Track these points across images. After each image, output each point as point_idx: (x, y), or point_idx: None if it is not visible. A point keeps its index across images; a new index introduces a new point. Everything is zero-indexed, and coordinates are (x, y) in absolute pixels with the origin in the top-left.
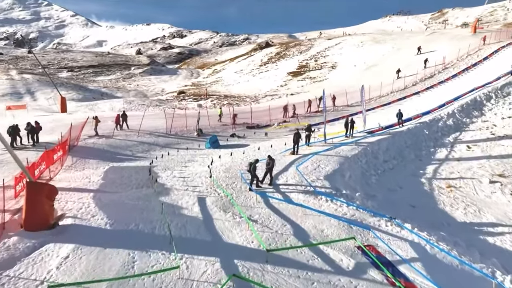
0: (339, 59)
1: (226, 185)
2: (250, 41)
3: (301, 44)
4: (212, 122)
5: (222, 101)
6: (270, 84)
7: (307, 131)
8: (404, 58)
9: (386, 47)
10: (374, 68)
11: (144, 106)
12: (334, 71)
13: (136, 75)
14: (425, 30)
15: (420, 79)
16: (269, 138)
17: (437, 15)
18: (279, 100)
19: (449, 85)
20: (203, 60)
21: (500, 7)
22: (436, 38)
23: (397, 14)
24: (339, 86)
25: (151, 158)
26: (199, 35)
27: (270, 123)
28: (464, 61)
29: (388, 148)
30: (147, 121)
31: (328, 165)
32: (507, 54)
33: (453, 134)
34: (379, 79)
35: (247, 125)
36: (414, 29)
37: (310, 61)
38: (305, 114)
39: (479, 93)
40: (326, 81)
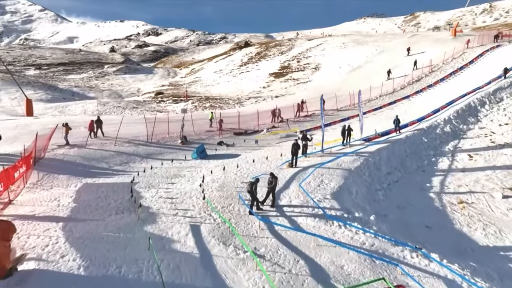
0: (322, 60)
1: (222, 208)
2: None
3: (281, 44)
4: (197, 127)
5: (203, 103)
6: (252, 85)
7: (303, 140)
8: (389, 60)
9: (369, 49)
10: (359, 70)
11: (120, 108)
12: (318, 73)
13: (110, 74)
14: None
15: (408, 82)
16: (260, 146)
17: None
18: (265, 104)
19: (438, 89)
20: (180, 59)
21: (468, 11)
22: (418, 41)
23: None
24: (325, 89)
25: (131, 172)
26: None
27: (259, 129)
28: (450, 64)
29: (389, 158)
30: (125, 127)
31: (332, 180)
32: (491, 58)
33: (451, 141)
34: (365, 81)
35: (234, 131)
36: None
37: (292, 62)
38: (294, 119)
39: (473, 99)
40: (310, 83)
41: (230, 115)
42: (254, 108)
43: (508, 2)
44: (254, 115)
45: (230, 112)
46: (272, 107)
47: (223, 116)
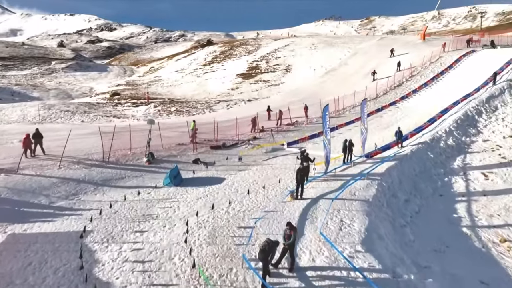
0: (293, 61)
1: (220, 278)
2: (186, 38)
3: (247, 43)
4: (166, 140)
5: (168, 107)
6: (219, 87)
7: (304, 162)
8: (365, 63)
9: (342, 50)
10: (334, 72)
11: (69, 113)
12: (290, 75)
13: (58, 71)
14: (374, 36)
15: (390, 87)
16: (245, 165)
17: (365, 22)
18: (239, 109)
19: (424, 95)
20: (137, 56)
21: (419, 18)
22: (388, 44)
23: (329, 19)
24: (302, 92)
25: (81, 210)
26: (131, 29)
27: (238, 141)
28: (429, 68)
29: (401, 180)
30: (74, 142)
31: (354, 220)
32: (470, 63)
33: (458, 156)
34: (343, 85)
35: (210, 144)
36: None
37: (260, 62)
38: (276, 128)
39: (468, 107)
40: (283, 85)
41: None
42: (227, 114)
43: (455, 10)
44: (230, 123)
45: (201, 118)
46: (251, 114)
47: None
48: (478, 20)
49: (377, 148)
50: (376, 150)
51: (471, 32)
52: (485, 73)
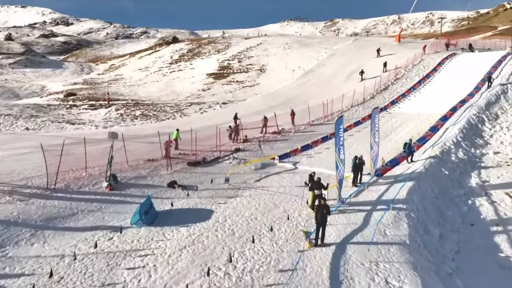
0: (267, 61)
1: None
2: (149, 35)
3: (216, 41)
4: (132, 156)
5: (132, 110)
6: (189, 87)
7: (316, 189)
8: (345, 64)
9: (318, 51)
10: (313, 74)
11: (11, 117)
12: (265, 75)
13: (5, 67)
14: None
15: (376, 90)
16: (234, 188)
17: (329, 24)
18: (214, 113)
19: (414, 99)
20: (96, 52)
21: (381, 21)
22: (364, 45)
23: (294, 20)
24: (281, 95)
25: (7, 278)
26: (89, 24)
27: (220, 154)
28: (413, 71)
29: (425, 207)
30: (8, 159)
31: (402, 279)
32: (454, 66)
33: (472, 172)
34: (325, 87)
35: (187, 159)
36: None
37: (232, 61)
38: (262, 138)
39: (470, 115)
40: (258, 86)
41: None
42: (202, 120)
43: (414, 15)
44: (207, 131)
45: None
46: (229, 120)
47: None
48: (435, 25)
49: (386, 164)
50: (385, 166)
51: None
52: (473, 77)
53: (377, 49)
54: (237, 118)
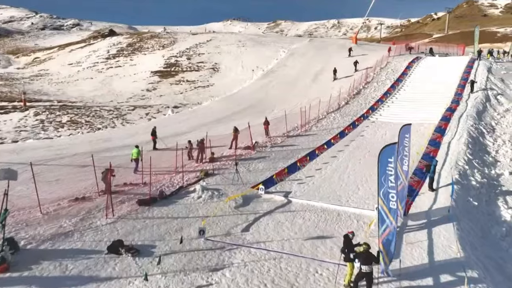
0: (220, 59)
1: None
2: (82, 27)
3: (160, 36)
4: (48, 191)
5: (57, 115)
6: (130, 86)
7: (364, 263)
8: (308, 65)
9: (275, 50)
10: (274, 74)
11: None
12: (219, 75)
13: None
14: (304, 38)
15: (349, 95)
16: (216, 248)
17: (272, 25)
18: (165, 120)
19: (393, 106)
20: (17, 43)
21: (321, 25)
22: (323, 46)
23: (237, 19)
24: (244, 97)
25: None
26: (10, 12)
27: (183, 183)
28: (382, 75)
29: (485, 264)
30: None
31: None
32: (423, 70)
33: (498, 200)
34: (291, 89)
35: (138, 196)
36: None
37: (180, 58)
38: (235, 155)
39: (468, 126)
40: (213, 87)
41: (107, 146)
42: (147, 128)
43: (352, 20)
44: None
45: (107, 136)
46: (185, 129)
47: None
48: (372, 31)
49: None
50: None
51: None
52: (447, 82)
53: (348, 49)
54: (237, 131)
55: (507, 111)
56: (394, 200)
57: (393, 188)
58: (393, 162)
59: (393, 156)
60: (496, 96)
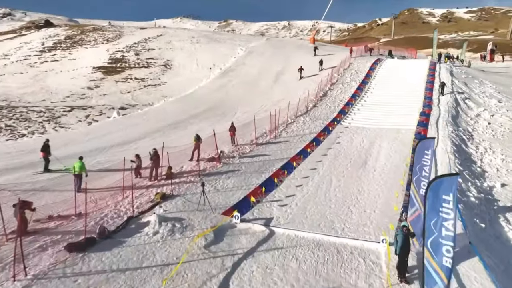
0: (172, 56)
1: None
2: (13, 17)
3: (104, 29)
4: None
5: None
6: (68, 83)
7: None
8: (268, 64)
9: (232, 48)
10: (232, 73)
11: None
12: (172, 73)
13: None
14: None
15: (315, 97)
16: None
17: (224, 24)
18: (110, 126)
19: (363, 109)
20: None
21: (272, 26)
22: (282, 45)
23: (187, 17)
24: (203, 98)
25: None
26: None
27: (132, 211)
28: (346, 76)
29: None
30: None
31: None
32: (387, 72)
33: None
34: (252, 90)
35: (68, 237)
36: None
37: (127, 54)
38: (198, 169)
39: (448, 133)
40: (165, 86)
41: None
42: (92, 138)
43: (302, 23)
44: (101, 158)
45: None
46: (137, 136)
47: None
48: (321, 34)
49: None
50: None
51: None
52: (413, 84)
53: (314, 48)
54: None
55: (478, 116)
56: (424, 188)
57: (426, 177)
58: (430, 154)
59: (431, 149)
60: (465, 100)
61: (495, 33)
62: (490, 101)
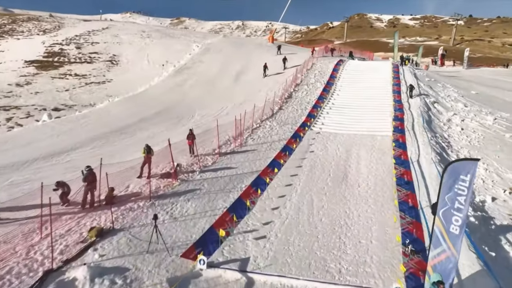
0: (120, 51)
1: None
2: None
3: (40, 19)
4: None
5: None
6: None
7: None
8: (226, 62)
9: (187, 44)
10: (188, 71)
11: None
12: (119, 69)
13: None
14: (218, 34)
15: (281, 99)
16: None
17: (176, 21)
18: (36, 131)
19: (333, 113)
20: None
21: (226, 25)
22: (240, 43)
23: (138, 13)
24: (153, 100)
25: None
26: None
27: (52, 262)
28: (310, 77)
29: None
30: None
31: None
32: (351, 74)
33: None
34: (211, 91)
35: None
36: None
37: (67, 47)
38: (149, 191)
39: (427, 140)
40: (111, 84)
41: None
42: (10, 148)
43: (256, 23)
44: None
45: None
46: (76, 151)
47: None
48: (275, 35)
49: (412, 252)
50: None
51: None
52: (380, 86)
53: (277, 46)
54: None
55: (450, 121)
56: (458, 225)
57: (461, 211)
58: (468, 181)
59: (470, 174)
60: (433, 103)
61: (439, 39)
62: (457, 105)
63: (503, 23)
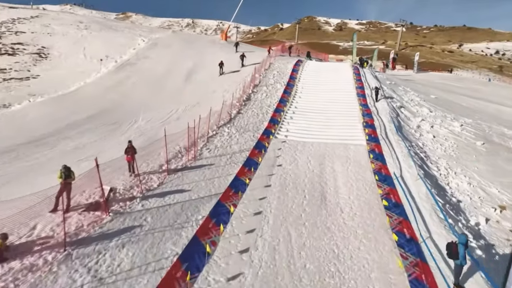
0: (51, 43)
1: None
2: None
3: None
4: None
5: None
6: None
7: None
8: (175, 59)
9: (132, 38)
10: (131, 68)
11: None
12: (48, 63)
13: None
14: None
15: (238, 101)
16: None
17: (122, 17)
18: None
19: (297, 118)
20: None
21: (176, 22)
22: (193, 40)
23: (79, 5)
24: (87, 100)
25: None
26: None
27: None
28: (269, 77)
29: None
30: None
31: None
32: (312, 75)
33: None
34: (159, 90)
35: None
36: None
37: None
38: (63, 232)
39: (401, 149)
40: (36, 81)
41: None
42: None
43: (206, 22)
44: None
45: None
46: None
47: None
48: None
49: None
50: None
51: None
52: (343, 89)
53: (235, 43)
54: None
55: (419, 127)
56: None
57: None
58: None
59: None
60: (400, 108)
61: (385, 44)
62: (422, 110)
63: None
